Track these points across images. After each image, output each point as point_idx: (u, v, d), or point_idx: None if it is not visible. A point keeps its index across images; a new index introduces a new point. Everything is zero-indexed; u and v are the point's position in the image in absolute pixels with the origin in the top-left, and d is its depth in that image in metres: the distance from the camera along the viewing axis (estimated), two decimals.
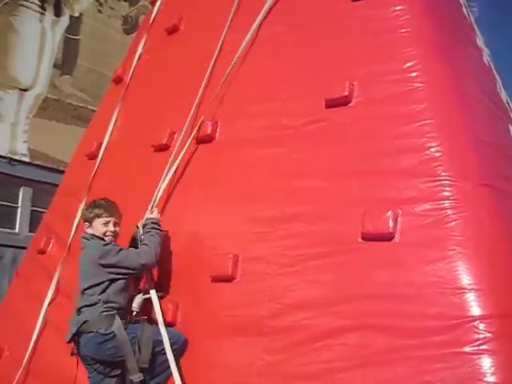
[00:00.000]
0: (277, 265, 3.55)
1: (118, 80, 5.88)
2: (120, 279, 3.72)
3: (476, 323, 2.76)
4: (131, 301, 3.85)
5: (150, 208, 4.15)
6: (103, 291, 3.68)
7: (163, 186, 4.24)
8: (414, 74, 3.61)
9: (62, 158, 14.14)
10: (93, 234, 3.89)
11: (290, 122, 4.02)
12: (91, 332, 3.60)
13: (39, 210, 13.46)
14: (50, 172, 15.13)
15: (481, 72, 4.45)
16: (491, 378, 2.63)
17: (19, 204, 15.70)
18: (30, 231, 14.32)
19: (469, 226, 3.06)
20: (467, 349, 2.72)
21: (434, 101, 3.50)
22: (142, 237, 3.92)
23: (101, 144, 5.35)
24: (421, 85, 3.56)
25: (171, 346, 3.61)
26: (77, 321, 3.69)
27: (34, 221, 13.15)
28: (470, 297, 2.84)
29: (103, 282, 3.68)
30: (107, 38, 16.58)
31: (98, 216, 3.90)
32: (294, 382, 3.15)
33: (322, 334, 3.15)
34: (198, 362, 3.62)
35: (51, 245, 5.27)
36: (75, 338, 3.70)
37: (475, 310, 2.81)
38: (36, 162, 15.48)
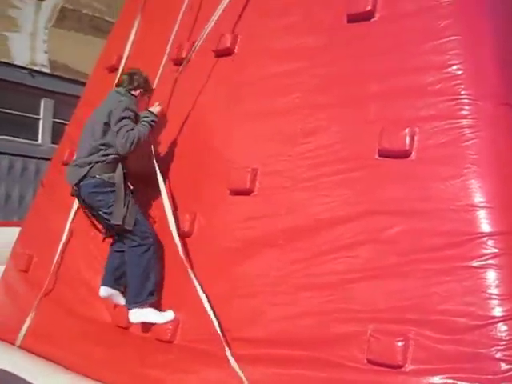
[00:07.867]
0: (294, 179, 3.63)
1: None
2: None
3: (485, 239, 2.84)
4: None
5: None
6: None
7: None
8: None
9: (82, 70, 14.06)
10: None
11: (311, 38, 3.96)
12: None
13: (61, 121, 13.57)
14: (70, 83, 15.06)
15: None
16: (495, 290, 2.74)
17: (41, 115, 15.79)
18: (53, 143, 14.50)
19: (485, 145, 3.06)
20: (475, 263, 2.82)
21: (460, 17, 3.39)
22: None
23: (121, 57, 5.33)
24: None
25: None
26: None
27: (56, 132, 13.28)
28: (481, 214, 2.90)
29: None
30: None
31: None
32: (305, 291, 3.28)
33: (335, 247, 3.25)
34: (215, 273, 3.76)
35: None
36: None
37: (485, 226, 2.87)
38: (56, 73, 15.41)
